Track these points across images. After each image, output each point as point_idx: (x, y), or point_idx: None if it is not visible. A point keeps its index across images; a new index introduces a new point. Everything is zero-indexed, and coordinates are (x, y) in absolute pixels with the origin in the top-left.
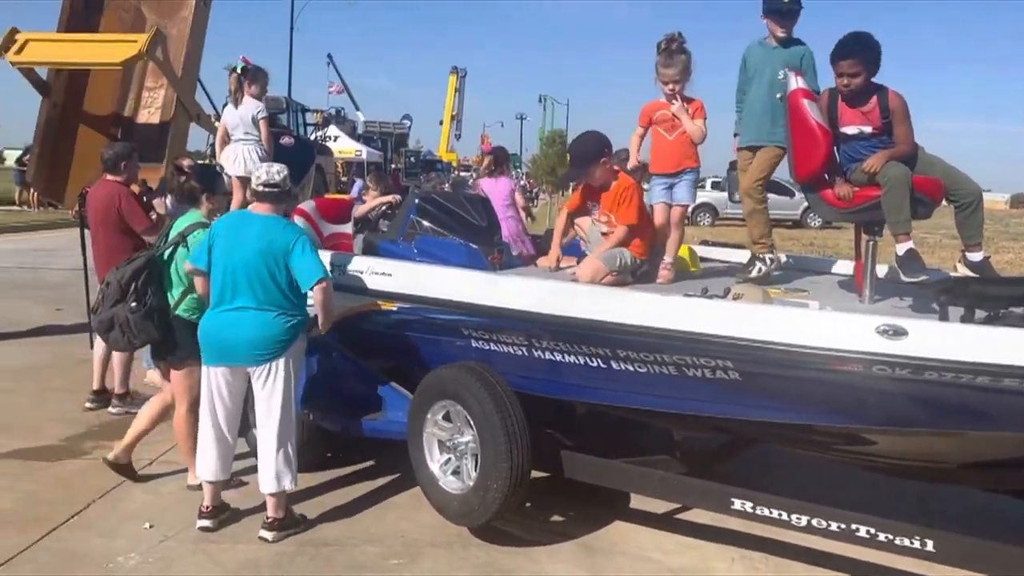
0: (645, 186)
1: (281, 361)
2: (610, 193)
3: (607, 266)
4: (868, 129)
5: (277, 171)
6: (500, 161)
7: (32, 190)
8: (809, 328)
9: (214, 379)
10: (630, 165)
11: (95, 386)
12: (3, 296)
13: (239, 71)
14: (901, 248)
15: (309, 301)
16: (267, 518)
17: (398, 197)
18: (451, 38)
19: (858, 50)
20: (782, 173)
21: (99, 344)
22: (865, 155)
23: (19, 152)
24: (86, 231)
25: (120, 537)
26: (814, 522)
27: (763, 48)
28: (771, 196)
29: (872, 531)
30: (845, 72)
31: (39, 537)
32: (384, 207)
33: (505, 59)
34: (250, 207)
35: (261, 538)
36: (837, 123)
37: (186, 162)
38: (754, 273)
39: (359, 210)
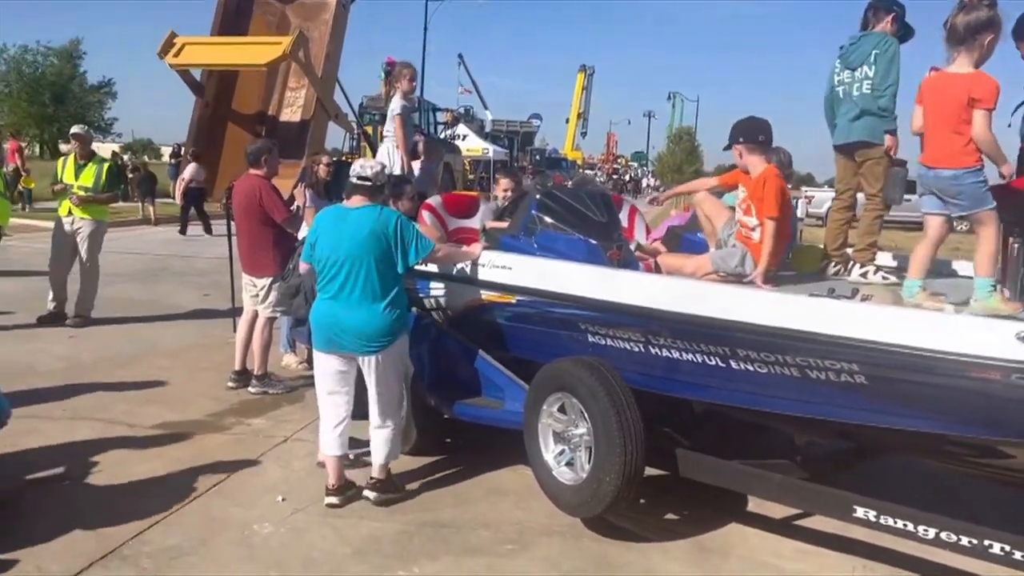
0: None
1: (386, 352)
2: (755, 180)
3: (715, 265)
4: None
5: (371, 166)
6: None
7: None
8: (945, 332)
9: (325, 363)
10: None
11: (236, 367)
12: (161, 281)
13: (384, 75)
14: None
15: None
16: (370, 478)
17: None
18: (580, 37)
19: None
20: None
21: (241, 328)
22: None
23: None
24: (232, 222)
25: (256, 508)
26: (943, 535)
27: None
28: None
29: (1007, 548)
30: None
31: (187, 502)
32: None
33: (633, 59)
34: (346, 201)
35: (364, 497)
36: None
37: (324, 159)
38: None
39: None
